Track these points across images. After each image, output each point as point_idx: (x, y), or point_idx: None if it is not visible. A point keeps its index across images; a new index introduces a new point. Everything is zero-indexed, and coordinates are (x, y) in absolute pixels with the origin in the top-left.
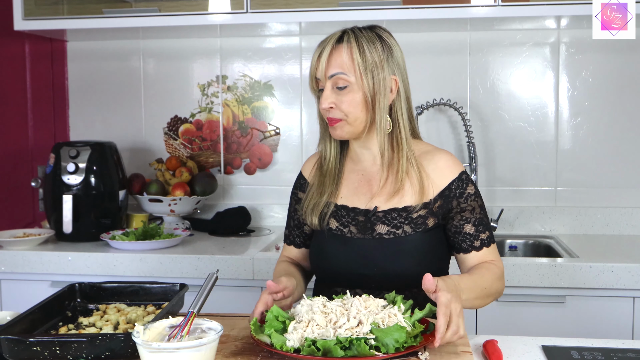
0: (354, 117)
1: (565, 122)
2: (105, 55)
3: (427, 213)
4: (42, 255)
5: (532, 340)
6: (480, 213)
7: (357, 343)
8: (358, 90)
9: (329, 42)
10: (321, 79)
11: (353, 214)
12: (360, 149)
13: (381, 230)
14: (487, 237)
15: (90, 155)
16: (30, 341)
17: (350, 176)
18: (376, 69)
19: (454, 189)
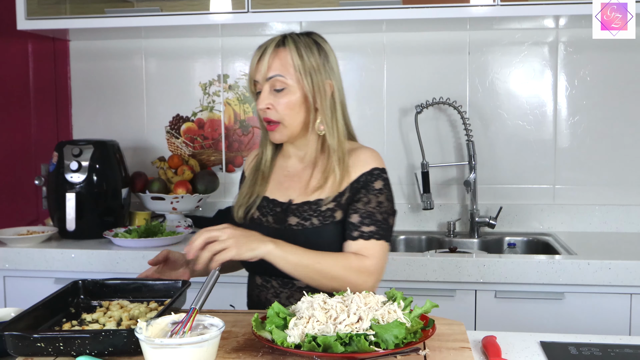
0: (290, 119)
1: (564, 121)
2: (107, 54)
3: (335, 206)
4: (46, 253)
5: (530, 336)
6: (374, 208)
7: (357, 339)
8: (295, 93)
9: (268, 46)
10: (259, 81)
11: (272, 205)
12: (291, 149)
13: (292, 221)
14: (369, 231)
15: (93, 154)
16: (34, 337)
17: (278, 171)
18: (314, 72)
19: (362, 181)
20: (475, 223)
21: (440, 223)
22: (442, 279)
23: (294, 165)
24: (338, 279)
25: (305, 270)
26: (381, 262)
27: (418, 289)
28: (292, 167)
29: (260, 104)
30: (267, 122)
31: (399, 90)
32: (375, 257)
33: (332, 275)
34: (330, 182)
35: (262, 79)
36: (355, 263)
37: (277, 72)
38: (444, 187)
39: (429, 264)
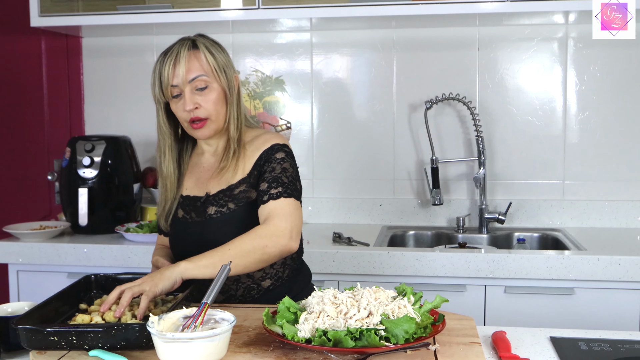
0: (216, 114)
1: (573, 117)
2: (119, 51)
3: (247, 187)
4: (59, 247)
5: (540, 331)
6: (280, 173)
7: (368, 334)
8: (216, 89)
9: (180, 51)
10: (179, 85)
11: (192, 201)
12: (204, 145)
13: (210, 211)
14: (277, 192)
15: (105, 149)
16: (47, 331)
17: (194, 169)
18: (226, 68)
19: (264, 157)
20: (485, 219)
21: (450, 218)
22: (451, 274)
23: (207, 160)
24: (254, 251)
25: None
26: (292, 219)
27: (427, 284)
28: (206, 162)
29: (187, 105)
30: (195, 120)
31: (408, 86)
32: (285, 214)
33: (247, 252)
34: (238, 166)
35: (183, 81)
36: (261, 230)
37: (198, 73)
38: (453, 183)
39: (439, 260)
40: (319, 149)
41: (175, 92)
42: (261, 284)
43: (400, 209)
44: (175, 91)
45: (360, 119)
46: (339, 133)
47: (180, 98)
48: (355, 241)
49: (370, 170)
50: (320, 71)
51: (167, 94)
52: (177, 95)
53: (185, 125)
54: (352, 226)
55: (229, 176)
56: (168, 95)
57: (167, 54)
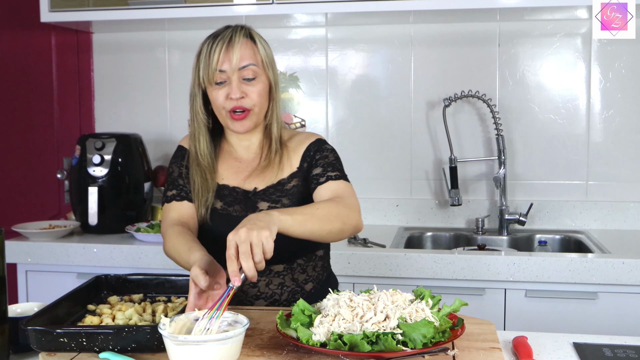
0: (260, 107)
1: (597, 115)
2: (130, 46)
3: (299, 182)
4: (68, 247)
5: (563, 337)
6: (333, 161)
7: (384, 338)
8: (264, 82)
9: (236, 35)
10: (227, 71)
11: (235, 193)
12: (235, 139)
13: (262, 207)
14: (334, 175)
15: (116, 147)
16: (57, 332)
17: (229, 160)
18: (274, 64)
19: (312, 148)
20: (505, 220)
21: (469, 220)
22: (470, 277)
23: (242, 156)
24: (338, 217)
25: (311, 223)
26: (357, 200)
27: (446, 287)
28: (240, 157)
29: (234, 93)
30: (237, 110)
31: (426, 83)
32: (351, 193)
33: (333, 216)
34: (283, 163)
35: (233, 68)
36: (339, 200)
37: (250, 62)
38: (472, 183)
39: (457, 262)
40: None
41: (221, 78)
42: (304, 287)
43: (418, 209)
44: (221, 77)
45: (377, 117)
46: (355, 131)
47: (224, 85)
48: (371, 242)
49: (386, 170)
50: (336, 68)
51: (211, 79)
52: (221, 82)
53: (223, 115)
54: (368, 227)
55: (275, 173)
56: (212, 80)
57: (217, 37)
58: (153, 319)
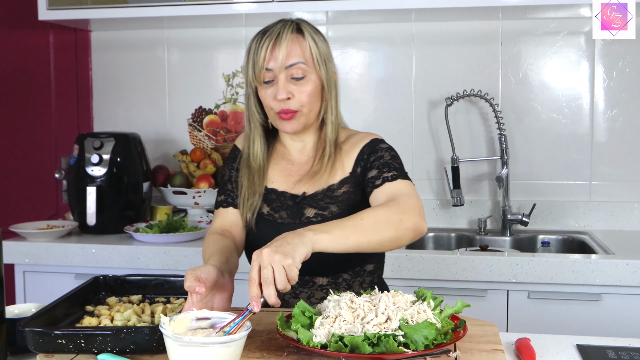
0: (309, 107)
1: (601, 114)
2: (129, 45)
3: (350, 188)
4: (66, 248)
5: (566, 339)
6: (389, 160)
7: (386, 339)
8: (314, 81)
9: (284, 31)
10: (274, 69)
11: (283, 198)
12: (289, 140)
13: (309, 213)
14: (391, 175)
15: (114, 147)
16: (55, 333)
17: (281, 162)
18: (327, 60)
19: (366, 150)
20: (508, 220)
21: (471, 220)
22: (472, 278)
23: (295, 158)
24: (390, 223)
25: (355, 237)
26: (418, 198)
27: (448, 289)
28: (294, 159)
29: (280, 94)
30: (284, 112)
31: (428, 82)
32: (410, 194)
33: (382, 224)
34: (336, 168)
35: (279, 66)
36: (393, 203)
37: (299, 59)
38: (474, 183)
39: (459, 263)
40: None
41: (268, 76)
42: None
43: None
44: (269, 76)
45: (378, 116)
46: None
47: (272, 84)
48: None
49: None
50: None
51: (258, 78)
52: (269, 81)
53: (272, 115)
54: None
55: (326, 178)
56: (260, 78)
57: (265, 33)
58: (152, 320)
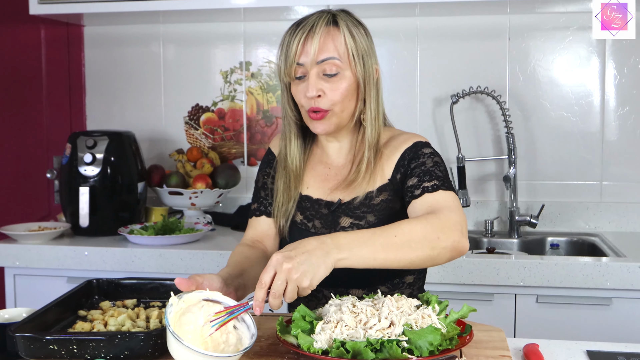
0: (342, 107)
1: (612, 112)
2: (123, 40)
3: (389, 195)
4: (58, 250)
5: (576, 344)
6: (431, 167)
7: (389, 345)
8: (348, 78)
9: (316, 24)
10: (306, 64)
11: (317, 205)
12: (327, 142)
13: (345, 223)
14: (432, 185)
15: (108, 146)
16: (46, 339)
17: (317, 167)
18: (365, 56)
19: (407, 156)
20: (515, 222)
21: (477, 222)
22: (479, 282)
23: (333, 161)
24: (424, 242)
25: (384, 254)
26: (460, 212)
27: (453, 292)
28: (331, 162)
29: (310, 91)
30: (315, 111)
31: (433, 78)
32: (451, 207)
33: (416, 242)
34: (375, 174)
35: (311, 61)
36: (431, 217)
37: (332, 55)
38: (481, 183)
39: (465, 266)
40: None
41: (300, 72)
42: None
43: None
44: (300, 71)
45: None
46: None
47: (303, 80)
48: None
49: None
50: None
51: (289, 73)
52: (301, 77)
53: (303, 113)
54: None
55: (364, 185)
56: (291, 74)
57: (300, 25)
58: (147, 325)
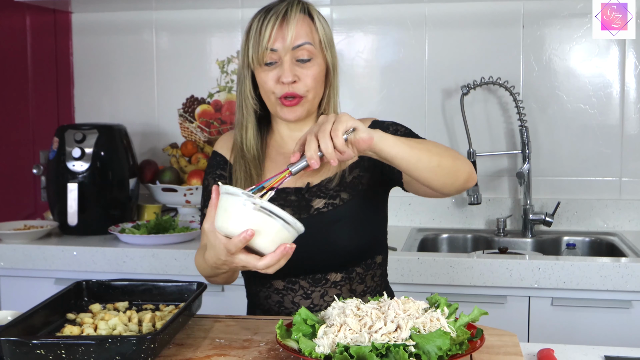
0: (314, 93)
1: (632, 104)
2: (114, 28)
3: (360, 172)
4: (45, 250)
5: (593, 349)
6: (405, 131)
7: (395, 350)
8: (320, 64)
9: (292, 10)
10: (279, 50)
11: (284, 194)
12: (285, 130)
13: (318, 204)
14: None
15: (98, 140)
16: (33, 343)
17: (277, 158)
18: (333, 44)
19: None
20: (529, 220)
21: (489, 220)
22: (490, 283)
23: (292, 148)
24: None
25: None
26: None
27: (463, 295)
28: (290, 150)
29: (286, 76)
30: (288, 97)
31: (442, 68)
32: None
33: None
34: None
35: (286, 47)
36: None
37: (306, 40)
38: (493, 179)
39: (476, 267)
40: None
41: (271, 58)
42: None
43: (432, 208)
44: (272, 57)
45: (387, 107)
46: None
47: (275, 67)
48: None
49: None
50: (342, 52)
51: (260, 59)
52: (271, 63)
53: (272, 100)
54: None
55: (330, 166)
56: (261, 60)
57: (269, 11)
58: (139, 329)
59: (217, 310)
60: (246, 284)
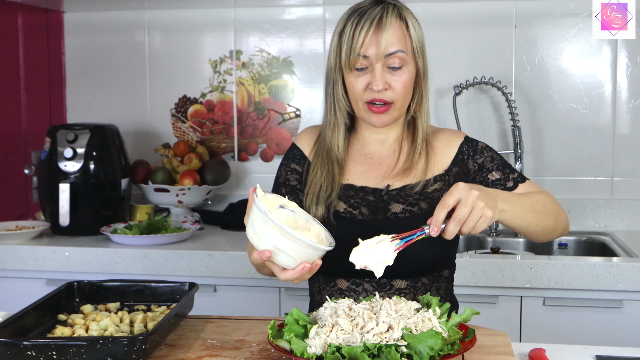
0: (404, 100)
1: (624, 104)
2: (106, 27)
3: (443, 185)
4: (37, 251)
5: (584, 349)
6: (500, 160)
7: (387, 350)
8: (410, 72)
9: (388, 15)
10: (371, 57)
11: (362, 193)
12: (370, 133)
13: (396, 209)
14: (517, 176)
15: (90, 140)
16: (24, 344)
17: (359, 158)
18: (424, 48)
19: (465, 151)
20: None
21: None
22: (482, 283)
23: (375, 152)
24: (552, 214)
25: (528, 215)
26: None
27: (455, 295)
28: (372, 153)
29: (377, 84)
30: (378, 103)
31: (435, 68)
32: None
33: (548, 212)
34: (426, 163)
35: (379, 55)
36: (548, 195)
37: (400, 48)
38: None
39: (468, 267)
40: None
41: (363, 64)
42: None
43: None
44: (363, 63)
45: None
46: None
47: (365, 72)
48: None
49: None
50: None
51: (351, 64)
52: (362, 69)
53: (360, 106)
54: None
55: (419, 173)
56: (352, 65)
57: (363, 14)
58: (131, 329)
59: (209, 311)
60: (309, 282)
